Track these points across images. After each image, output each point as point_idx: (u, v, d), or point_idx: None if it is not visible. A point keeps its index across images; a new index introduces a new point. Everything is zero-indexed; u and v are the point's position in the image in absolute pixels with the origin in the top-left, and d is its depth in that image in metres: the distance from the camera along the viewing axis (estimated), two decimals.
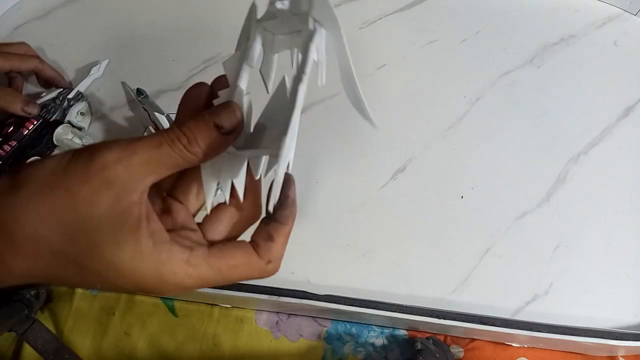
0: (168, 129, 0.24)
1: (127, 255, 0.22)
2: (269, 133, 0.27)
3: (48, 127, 0.58)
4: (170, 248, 0.23)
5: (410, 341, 0.50)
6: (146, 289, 0.23)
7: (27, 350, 0.52)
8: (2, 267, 0.22)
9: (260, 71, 0.29)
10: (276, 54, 0.29)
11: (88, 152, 0.22)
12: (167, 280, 0.23)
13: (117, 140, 0.23)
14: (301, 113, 0.26)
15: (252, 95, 0.27)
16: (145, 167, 0.23)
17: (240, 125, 0.25)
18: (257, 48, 0.28)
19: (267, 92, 0.28)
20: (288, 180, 0.26)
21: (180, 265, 0.23)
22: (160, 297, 0.54)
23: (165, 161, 0.23)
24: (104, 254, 0.22)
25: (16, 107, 0.56)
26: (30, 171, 0.22)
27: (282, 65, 0.29)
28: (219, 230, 0.27)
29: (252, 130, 0.28)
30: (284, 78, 0.27)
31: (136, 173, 0.22)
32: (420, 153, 0.57)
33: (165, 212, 0.26)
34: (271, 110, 0.28)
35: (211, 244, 0.26)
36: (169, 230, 0.24)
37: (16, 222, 0.21)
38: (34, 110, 0.57)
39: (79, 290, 0.55)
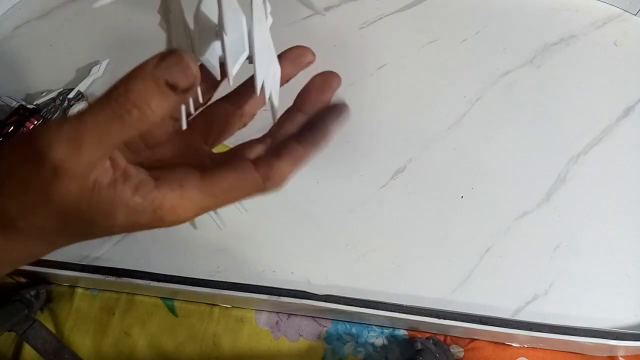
0: (111, 96, 0.21)
1: (122, 218, 0.22)
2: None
3: None
4: (159, 193, 0.23)
5: (410, 341, 0.50)
6: (151, 228, 0.23)
7: (27, 350, 0.52)
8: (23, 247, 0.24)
9: None
10: None
11: (31, 152, 0.20)
12: (168, 219, 0.23)
13: (57, 128, 0.20)
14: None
15: None
16: (99, 151, 0.21)
17: (197, 81, 0.21)
18: None
19: None
20: (337, 110, 0.25)
21: (175, 203, 0.23)
22: (160, 297, 0.54)
23: (119, 138, 0.21)
24: (103, 226, 0.23)
25: None
26: None
27: None
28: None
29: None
30: None
31: (90, 161, 0.21)
32: (420, 153, 0.57)
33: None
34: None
35: (210, 157, 0.25)
36: (154, 162, 0.24)
37: (15, 220, 0.22)
38: None
39: (79, 290, 0.55)
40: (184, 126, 0.25)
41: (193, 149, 0.28)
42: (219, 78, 0.25)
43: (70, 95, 0.61)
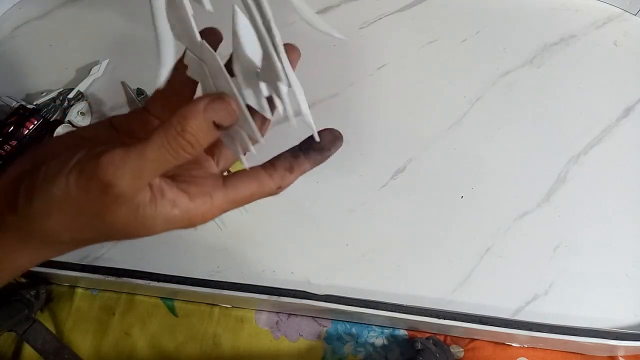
0: (169, 134, 0.24)
1: (161, 228, 0.26)
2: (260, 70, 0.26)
3: (48, 127, 0.58)
4: (194, 205, 0.26)
5: (410, 341, 0.50)
6: (180, 229, 0.27)
7: (27, 350, 0.52)
8: (63, 252, 0.27)
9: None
10: None
11: (97, 184, 0.23)
12: (198, 223, 0.27)
13: (121, 164, 0.23)
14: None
15: None
16: (150, 175, 0.24)
17: (236, 119, 0.25)
18: None
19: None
20: (338, 138, 0.28)
21: (205, 211, 0.27)
22: (160, 297, 0.54)
23: (169, 165, 0.24)
24: (142, 234, 0.26)
25: None
26: (44, 202, 0.24)
27: None
28: (227, 154, 0.30)
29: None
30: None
31: (142, 184, 0.24)
32: (420, 153, 0.57)
33: None
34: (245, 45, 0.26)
35: (222, 174, 0.29)
36: (179, 170, 0.27)
37: (59, 235, 0.25)
38: None
39: (79, 290, 0.55)
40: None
41: (204, 158, 0.31)
42: (270, 117, 0.27)
43: (70, 95, 0.61)
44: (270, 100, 0.26)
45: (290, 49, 0.28)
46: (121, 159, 0.23)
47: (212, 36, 0.29)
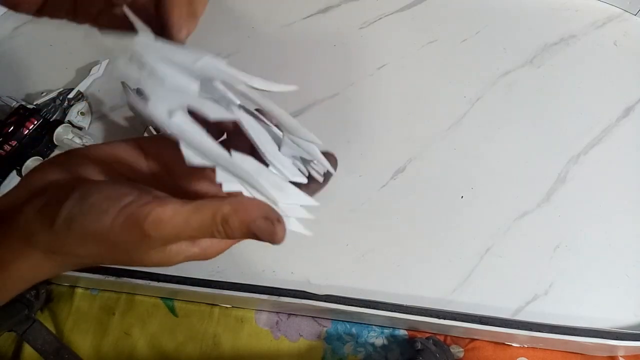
0: (216, 216, 0.25)
1: (180, 260, 0.28)
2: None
3: (48, 127, 0.58)
4: (211, 242, 0.29)
5: (410, 341, 0.50)
6: None
7: (27, 350, 0.52)
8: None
9: None
10: None
11: (140, 234, 0.25)
12: (211, 256, 0.30)
13: (169, 222, 0.25)
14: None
15: None
16: (185, 238, 0.26)
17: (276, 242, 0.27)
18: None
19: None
20: (317, 188, 0.31)
21: (220, 247, 0.30)
22: (160, 297, 0.54)
23: (200, 237, 0.27)
24: (156, 266, 0.27)
25: None
26: (84, 230, 0.25)
27: None
28: None
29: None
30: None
31: (175, 242, 0.27)
32: (420, 153, 0.57)
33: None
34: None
35: None
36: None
37: (83, 258, 0.27)
38: None
39: (79, 290, 0.55)
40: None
41: None
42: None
43: (70, 95, 0.61)
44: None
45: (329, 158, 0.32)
46: (169, 219, 0.25)
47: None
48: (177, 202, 0.25)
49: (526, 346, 0.49)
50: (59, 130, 0.58)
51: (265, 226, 0.26)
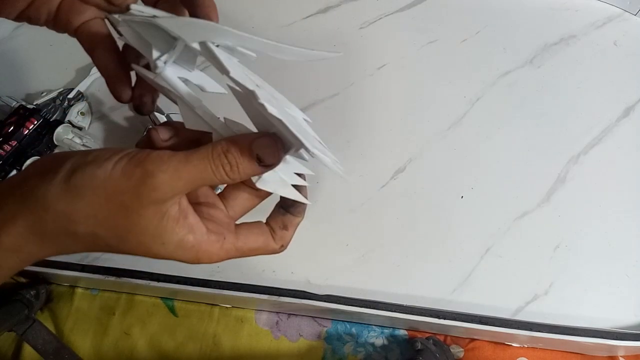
0: (215, 150, 0.25)
1: (170, 249, 0.26)
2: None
3: (48, 127, 0.58)
4: (208, 239, 0.27)
5: (410, 341, 0.50)
6: (181, 261, 0.27)
7: (27, 350, 0.52)
8: (67, 250, 0.27)
9: None
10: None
11: (141, 172, 0.24)
12: (202, 260, 0.28)
13: (168, 160, 0.25)
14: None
15: None
16: (188, 186, 0.25)
17: (279, 162, 0.27)
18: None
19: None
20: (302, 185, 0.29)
21: (215, 251, 0.28)
22: (160, 297, 0.54)
23: (205, 182, 0.26)
24: (151, 250, 0.26)
25: None
26: (84, 180, 0.25)
27: None
28: (236, 206, 0.31)
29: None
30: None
31: (179, 192, 0.25)
32: (420, 153, 0.57)
33: None
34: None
35: (233, 221, 0.30)
36: (193, 204, 0.28)
37: (78, 224, 0.25)
38: None
39: (79, 290, 0.55)
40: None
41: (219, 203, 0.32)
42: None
43: (70, 95, 0.61)
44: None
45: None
46: (168, 157, 0.25)
47: None
48: (173, 152, 0.25)
49: (526, 346, 0.49)
50: (59, 130, 0.58)
51: (268, 142, 0.26)
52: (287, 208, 0.30)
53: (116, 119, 0.62)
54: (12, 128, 0.56)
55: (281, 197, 0.30)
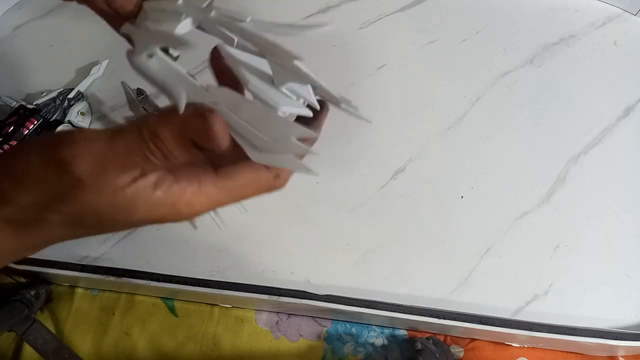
0: (142, 132, 0.22)
1: (143, 212, 0.23)
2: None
3: (48, 127, 0.58)
4: (179, 187, 0.24)
5: (410, 341, 0.50)
6: (165, 222, 0.25)
7: (27, 350, 0.52)
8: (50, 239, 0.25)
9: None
10: None
11: (54, 146, 0.22)
12: (184, 212, 0.24)
13: (88, 137, 0.22)
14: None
15: None
16: (116, 169, 0.22)
17: (223, 145, 0.23)
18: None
19: None
20: (323, 107, 0.26)
21: (192, 197, 0.24)
22: (160, 297, 0.54)
23: (136, 167, 0.23)
24: (121, 222, 0.24)
25: None
26: (6, 163, 0.23)
27: None
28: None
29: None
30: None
31: (105, 176, 0.22)
32: (420, 153, 0.57)
33: None
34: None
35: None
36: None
37: (20, 210, 0.23)
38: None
39: (79, 290, 0.55)
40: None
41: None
42: (310, 114, 0.26)
43: (70, 95, 0.61)
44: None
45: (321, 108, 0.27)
46: (85, 140, 0.22)
47: (216, 61, 0.28)
48: (95, 129, 0.22)
49: (526, 346, 0.49)
50: (59, 130, 0.58)
51: (195, 122, 0.21)
52: None
53: (116, 119, 0.62)
54: (12, 128, 0.56)
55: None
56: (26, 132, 0.56)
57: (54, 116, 0.60)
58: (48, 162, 0.22)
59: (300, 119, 0.26)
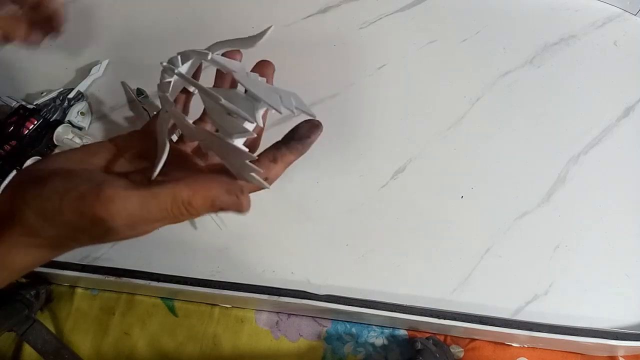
0: (176, 199, 0.25)
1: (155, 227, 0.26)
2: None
3: (48, 127, 0.58)
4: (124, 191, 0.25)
5: (410, 341, 0.50)
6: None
7: (27, 350, 0.52)
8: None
9: None
10: None
11: (93, 205, 0.24)
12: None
13: (126, 196, 0.24)
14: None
15: None
16: (145, 226, 0.26)
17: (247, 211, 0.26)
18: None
19: None
20: (316, 126, 0.29)
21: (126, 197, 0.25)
22: (160, 297, 0.54)
23: (163, 224, 0.26)
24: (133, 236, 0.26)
25: (20, 33, 0.51)
26: (37, 202, 0.25)
27: None
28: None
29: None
30: None
31: (134, 231, 0.26)
32: (420, 153, 0.57)
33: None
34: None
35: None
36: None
37: (36, 231, 0.25)
38: (38, 39, 0.52)
39: (79, 290, 0.55)
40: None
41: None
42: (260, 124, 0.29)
43: (70, 95, 0.61)
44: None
45: (265, 64, 0.31)
46: (120, 200, 0.23)
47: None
48: (130, 185, 0.24)
49: (526, 346, 0.49)
50: (59, 130, 0.58)
51: (231, 200, 0.25)
52: (285, 143, 0.29)
53: (116, 119, 0.62)
54: (12, 128, 0.56)
55: (290, 131, 0.29)
56: (26, 132, 0.56)
57: (54, 116, 0.60)
58: (83, 214, 0.24)
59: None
